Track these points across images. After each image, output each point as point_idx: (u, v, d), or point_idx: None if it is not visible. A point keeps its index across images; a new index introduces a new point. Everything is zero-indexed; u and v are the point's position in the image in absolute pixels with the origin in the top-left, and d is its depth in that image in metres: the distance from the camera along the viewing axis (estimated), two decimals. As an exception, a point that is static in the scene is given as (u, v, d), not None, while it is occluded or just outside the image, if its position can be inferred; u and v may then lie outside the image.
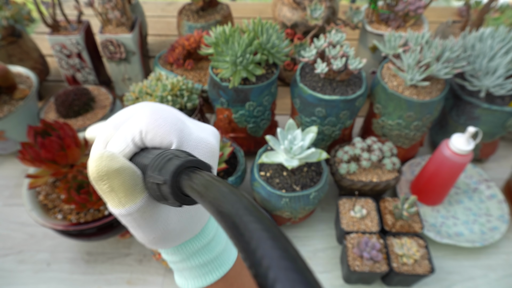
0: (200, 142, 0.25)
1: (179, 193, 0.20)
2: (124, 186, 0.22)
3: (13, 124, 0.79)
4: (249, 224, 0.14)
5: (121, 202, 0.23)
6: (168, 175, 0.19)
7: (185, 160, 0.20)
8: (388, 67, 0.74)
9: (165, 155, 0.21)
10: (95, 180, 0.22)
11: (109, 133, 0.25)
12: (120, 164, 0.22)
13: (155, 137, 0.23)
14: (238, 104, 0.72)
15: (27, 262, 0.69)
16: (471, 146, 0.64)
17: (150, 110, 0.24)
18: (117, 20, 0.87)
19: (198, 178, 0.18)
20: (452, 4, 2.01)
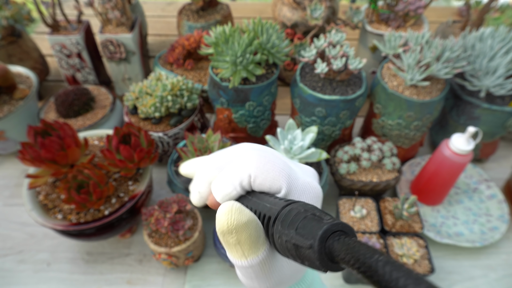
0: (307, 187, 0.24)
1: (327, 260, 0.19)
2: (250, 239, 0.22)
3: (13, 124, 0.79)
4: None
5: (245, 254, 0.22)
6: (315, 239, 0.18)
7: (332, 224, 0.19)
8: (388, 67, 0.74)
9: (296, 210, 0.20)
10: (224, 233, 0.22)
11: (212, 174, 0.25)
12: (248, 217, 0.22)
13: (264, 182, 0.23)
14: (238, 104, 0.72)
15: (27, 262, 0.69)
16: (471, 146, 0.64)
17: (258, 153, 0.24)
18: (117, 20, 0.87)
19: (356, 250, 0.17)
20: (452, 4, 2.00)
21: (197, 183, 0.25)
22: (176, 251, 0.60)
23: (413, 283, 0.14)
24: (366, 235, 0.65)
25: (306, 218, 0.19)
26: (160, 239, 0.62)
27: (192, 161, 0.27)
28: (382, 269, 0.16)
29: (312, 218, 0.19)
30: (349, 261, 0.17)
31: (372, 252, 0.16)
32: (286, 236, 0.20)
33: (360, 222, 0.68)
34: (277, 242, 0.21)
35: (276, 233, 0.21)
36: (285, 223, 0.20)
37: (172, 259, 0.62)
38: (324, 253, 0.18)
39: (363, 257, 0.16)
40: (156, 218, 0.60)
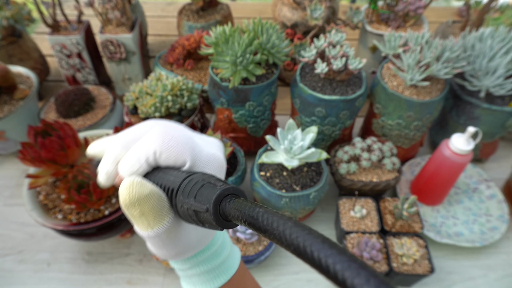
0: (210, 159, 0.26)
1: (222, 220, 0.21)
2: (154, 209, 0.23)
3: (13, 124, 0.80)
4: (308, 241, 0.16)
5: (150, 225, 0.24)
6: (210, 203, 0.21)
7: (224, 189, 0.21)
8: (388, 67, 0.74)
9: (195, 180, 0.22)
10: (127, 206, 0.23)
11: (118, 152, 0.25)
12: (149, 189, 0.23)
13: (169, 157, 0.24)
14: (238, 104, 0.72)
15: (27, 262, 0.69)
16: (471, 146, 0.64)
17: (163, 130, 0.25)
18: (117, 20, 0.87)
19: (244, 208, 0.20)
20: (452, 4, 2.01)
21: (105, 163, 0.25)
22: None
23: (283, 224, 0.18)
24: (366, 235, 0.65)
25: (203, 186, 0.22)
26: (160, 239, 0.62)
27: (100, 141, 0.27)
28: (261, 217, 0.19)
29: (208, 185, 0.22)
30: (238, 217, 0.20)
31: (254, 207, 0.20)
32: (186, 204, 0.22)
33: (360, 222, 0.68)
34: (180, 211, 0.23)
35: (178, 203, 0.23)
36: (185, 192, 0.22)
37: (172, 259, 0.62)
38: (219, 214, 0.21)
39: (247, 212, 0.19)
40: (156, 218, 0.60)
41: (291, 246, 0.17)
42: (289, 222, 0.18)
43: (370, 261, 0.61)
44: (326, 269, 0.15)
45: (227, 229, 0.22)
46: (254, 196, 0.70)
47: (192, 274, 0.30)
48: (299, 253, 0.17)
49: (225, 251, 0.31)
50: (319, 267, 0.16)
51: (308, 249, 0.16)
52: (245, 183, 0.79)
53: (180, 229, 0.25)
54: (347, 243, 0.64)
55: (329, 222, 0.75)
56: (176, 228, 0.25)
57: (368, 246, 0.62)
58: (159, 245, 0.25)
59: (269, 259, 0.69)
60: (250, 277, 0.35)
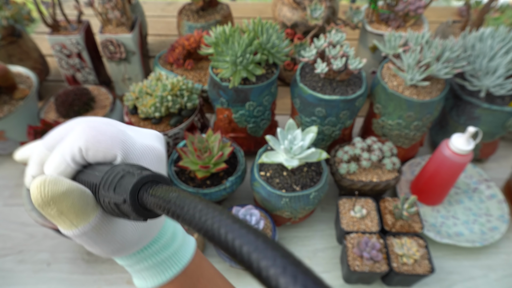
0: (145, 150, 0.24)
1: (142, 210, 0.20)
2: (74, 207, 0.22)
3: (13, 124, 0.79)
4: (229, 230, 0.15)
5: (73, 223, 0.22)
6: (127, 193, 0.20)
7: (141, 177, 0.20)
8: (388, 67, 0.74)
9: (116, 172, 0.21)
10: (40, 206, 0.21)
11: (43, 155, 0.24)
12: (66, 186, 0.21)
13: (97, 153, 0.23)
14: (238, 104, 0.72)
15: (27, 262, 0.69)
16: (471, 146, 0.64)
17: (88, 125, 0.23)
18: (117, 20, 0.87)
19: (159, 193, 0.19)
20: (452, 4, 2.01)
21: (30, 167, 0.24)
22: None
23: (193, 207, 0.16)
24: (366, 235, 0.65)
25: (122, 177, 0.21)
26: (160, 239, 0.62)
27: (26, 146, 0.26)
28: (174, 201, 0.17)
29: (127, 175, 0.21)
30: (156, 205, 0.19)
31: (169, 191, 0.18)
32: (107, 198, 0.21)
33: (360, 222, 0.68)
34: (104, 206, 0.22)
35: (101, 198, 0.22)
36: (105, 185, 0.21)
37: (172, 259, 0.62)
38: (137, 204, 0.20)
39: (163, 197, 0.18)
40: (156, 218, 0.60)
41: (201, 230, 0.16)
42: (199, 204, 0.17)
43: (370, 261, 0.61)
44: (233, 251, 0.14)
45: (150, 218, 0.21)
46: (254, 196, 0.70)
47: (141, 269, 0.29)
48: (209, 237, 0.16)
49: (176, 242, 0.30)
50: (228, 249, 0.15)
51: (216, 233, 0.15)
52: (245, 183, 0.79)
53: (112, 225, 0.24)
54: (347, 243, 0.64)
55: (329, 222, 0.75)
56: (106, 225, 0.23)
57: (368, 246, 0.62)
58: (90, 243, 0.24)
59: (269, 259, 0.69)
60: (208, 265, 0.34)
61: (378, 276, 0.63)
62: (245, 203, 0.70)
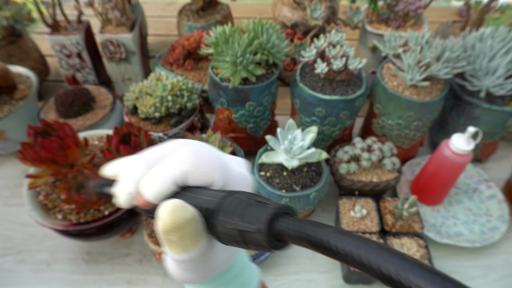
0: (240, 178, 0.25)
1: (274, 241, 0.20)
2: (192, 234, 0.22)
3: (13, 124, 0.79)
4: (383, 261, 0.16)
5: (186, 249, 0.22)
6: (262, 223, 0.20)
7: (276, 207, 0.20)
8: (388, 67, 0.74)
9: (238, 200, 0.21)
10: (167, 232, 0.22)
11: (140, 172, 0.24)
12: (191, 213, 0.22)
13: (200, 177, 0.23)
14: (238, 104, 0.72)
15: (27, 262, 0.69)
16: (471, 146, 0.64)
17: (192, 149, 0.23)
18: (117, 20, 0.87)
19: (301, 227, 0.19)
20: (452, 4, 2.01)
21: (125, 184, 0.24)
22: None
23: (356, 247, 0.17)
24: (366, 235, 0.65)
25: (250, 205, 0.21)
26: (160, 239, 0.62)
27: (118, 161, 0.26)
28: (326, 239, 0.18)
29: (257, 205, 0.21)
30: (296, 238, 0.19)
31: (314, 226, 0.19)
32: (231, 225, 0.21)
33: (360, 222, 0.68)
34: (220, 232, 0.22)
35: (219, 223, 0.21)
36: (227, 212, 0.21)
37: (172, 259, 0.62)
38: (271, 234, 0.20)
39: (309, 232, 0.18)
40: (156, 218, 0.60)
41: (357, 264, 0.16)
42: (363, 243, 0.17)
43: (370, 261, 0.61)
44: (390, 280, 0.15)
45: (278, 250, 0.21)
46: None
47: None
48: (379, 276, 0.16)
49: (247, 270, 0.30)
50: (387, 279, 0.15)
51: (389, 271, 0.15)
52: (245, 183, 0.79)
53: (212, 251, 0.24)
54: (347, 243, 0.64)
55: (329, 222, 0.75)
56: (209, 251, 0.24)
57: (368, 246, 0.62)
58: (189, 268, 0.24)
59: (269, 259, 0.69)
60: None
61: (378, 276, 0.63)
62: (245, 203, 0.70)
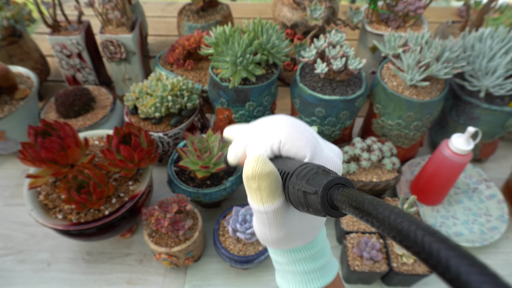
0: (329, 161, 0.27)
1: (328, 205, 0.22)
2: (269, 187, 0.25)
3: (14, 124, 0.80)
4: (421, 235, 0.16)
5: (263, 200, 0.26)
6: (320, 187, 0.22)
7: (336, 177, 0.22)
8: (388, 67, 0.74)
9: (310, 167, 0.24)
10: (249, 178, 0.25)
11: (249, 137, 0.28)
12: (270, 168, 0.25)
13: (291, 148, 0.26)
14: (238, 104, 0.72)
15: (27, 262, 0.69)
16: (470, 146, 0.64)
17: (291, 123, 0.27)
18: (117, 20, 0.87)
19: (352, 194, 0.20)
20: (452, 4, 2.01)
21: (235, 144, 0.29)
22: (176, 251, 0.60)
23: (389, 210, 0.17)
24: (366, 235, 0.65)
25: (317, 173, 0.23)
26: (160, 239, 0.62)
27: (234, 126, 0.32)
28: (367, 203, 0.19)
29: (322, 173, 0.23)
30: (345, 202, 0.20)
31: (361, 194, 0.20)
32: (298, 185, 0.23)
33: (360, 222, 0.68)
34: (291, 193, 0.24)
35: (291, 185, 0.24)
36: (299, 176, 0.24)
37: (172, 259, 0.62)
38: (326, 198, 0.22)
39: (354, 197, 0.20)
40: (156, 218, 0.60)
41: (393, 230, 0.17)
42: (395, 209, 0.18)
43: (370, 261, 0.61)
44: (429, 252, 0.15)
45: (331, 216, 0.22)
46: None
47: (288, 271, 0.31)
48: (401, 237, 0.16)
49: (324, 257, 0.32)
50: (422, 250, 0.15)
51: (412, 233, 0.16)
52: (245, 183, 0.79)
53: (287, 213, 0.26)
54: (347, 243, 0.65)
55: (329, 222, 0.76)
56: (284, 212, 0.26)
57: (368, 246, 0.62)
58: (264, 222, 0.27)
59: (269, 259, 0.69)
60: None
61: (378, 276, 0.63)
62: (245, 203, 0.70)
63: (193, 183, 0.69)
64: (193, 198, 0.67)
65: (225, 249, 0.63)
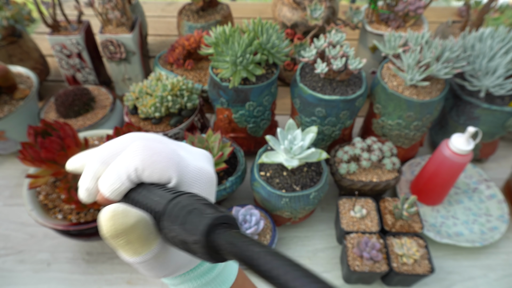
0: (198, 174, 0.24)
1: (214, 253, 0.20)
2: (140, 237, 0.22)
3: (14, 124, 0.80)
4: None
5: (137, 252, 0.23)
6: (200, 235, 0.19)
7: (215, 218, 0.19)
8: (388, 67, 0.74)
9: (181, 203, 0.21)
10: (112, 238, 0.22)
11: (97, 169, 0.24)
12: (135, 218, 0.21)
13: (152, 174, 0.23)
14: (238, 104, 0.72)
15: (27, 262, 0.69)
16: (471, 146, 0.64)
17: (143, 145, 0.23)
18: (117, 20, 0.87)
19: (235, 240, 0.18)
20: (452, 4, 2.01)
21: (85, 179, 0.24)
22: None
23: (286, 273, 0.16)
24: (366, 235, 0.65)
25: (190, 213, 0.20)
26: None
27: (80, 155, 0.26)
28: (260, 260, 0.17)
29: (195, 212, 0.20)
30: (232, 253, 0.18)
31: (250, 244, 0.18)
32: (173, 232, 0.20)
33: (360, 222, 0.68)
34: (168, 237, 0.21)
35: (164, 229, 0.21)
36: (170, 218, 0.20)
37: (172, 259, 0.62)
38: (208, 247, 0.19)
39: (243, 250, 0.17)
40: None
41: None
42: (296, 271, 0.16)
43: (370, 261, 0.61)
44: None
45: (220, 262, 0.20)
46: (254, 196, 0.70)
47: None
48: None
49: (220, 264, 0.30)
50: None
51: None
52: (245, 183, 0.79)
53: (169, 251, 0.24)
54: (347, 243, 0.64)
55: (329, 222, 0.75)
56: (165, 252, 0.24)
57: (368, 246, 0.62)
58: (147, 268, 0.24)
59: (269, 259, 0.69)
60: (251, 285, 0.34)
61: (378, 276, 0.63)
62: (245, 203, 0.70)
63: (193, 183, 0.69)
64: (193, 198, 0.67)
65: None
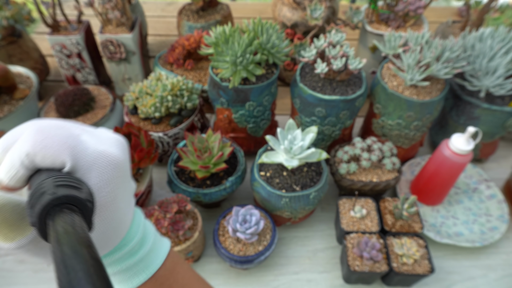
0: (97, 157, 0.23)
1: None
2: (7, 222, 0.21)
3: (13, 124, 0.79)
4: None
5: (8, 237, 0.22)
6: (35, 217, 0.18)
7: (51, 199, 0.19)
8: (388, 67, 0.74)
9: (39, 187, 0.20)
10: None
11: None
12: (2, 201, 0.21)
13: (44, 159, 0.22)
14: (238, 104, 0.72)
15: (27, 262, 0.69)
16: (471, 146, 0.64)
17: (35, 129, 0.22)
18: (117, 20, 0.87)
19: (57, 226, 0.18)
20: (452, 4, 2.01)
21: None
22: (176, 251, 0.60)
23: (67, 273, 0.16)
24: (366, 235, 0.65)
25: (42, 195, 0.19)
26: (160, 239, 0.62)
27: None
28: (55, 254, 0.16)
29: (44, 194, 0.19)
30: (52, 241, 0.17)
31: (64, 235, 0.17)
32: (29, 217, 0.19)
33: (360, 222, 0.68)
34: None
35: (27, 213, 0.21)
36: (29, 202, 0.20)
37: (172, 259, 0.62)
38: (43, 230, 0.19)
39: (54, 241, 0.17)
40: (156, 218, 0.60)
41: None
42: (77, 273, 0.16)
43: (370, 261, 0.61)
44: None
45: None
46: (254, 196, 0.70)
47: None
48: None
49: (144, 248, 0.29)
50: None
51: None
52: (245, 183, 0.79)
53: None
54: (347, 243, 0.64)
55: (329, 222, 0.75)
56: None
57: (368, 246, 0.62)
58: (30, 255, 0.23)
59: (269, 259, 0.69)
60: (184, 270, 0.33)
61: (378, 276, 0.63)
62: (245, 203, 0.70)
63: (193, 183, 0.69)
64: (193, 198, 0.67)
65: (225, 249, 0.63)
